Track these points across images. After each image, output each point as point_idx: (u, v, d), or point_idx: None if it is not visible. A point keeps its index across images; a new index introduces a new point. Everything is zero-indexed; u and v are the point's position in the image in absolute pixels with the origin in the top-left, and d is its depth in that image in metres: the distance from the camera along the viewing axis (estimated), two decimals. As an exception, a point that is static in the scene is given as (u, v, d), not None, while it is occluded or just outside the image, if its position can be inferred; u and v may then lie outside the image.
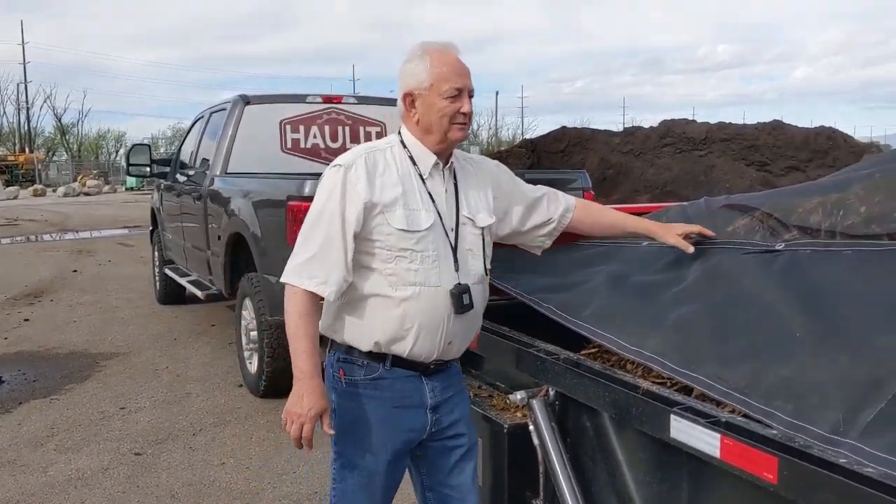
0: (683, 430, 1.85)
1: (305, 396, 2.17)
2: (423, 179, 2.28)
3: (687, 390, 2.05)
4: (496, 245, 2.49)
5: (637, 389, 2.04)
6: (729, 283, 2.24)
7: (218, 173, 6.70)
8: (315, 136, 7.05)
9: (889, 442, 1.57)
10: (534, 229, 2.59)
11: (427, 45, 2.30)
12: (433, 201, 2.27)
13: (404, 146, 2.32)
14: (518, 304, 2.74)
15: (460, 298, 2.26)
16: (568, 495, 2.30)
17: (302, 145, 7.01)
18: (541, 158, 18.74)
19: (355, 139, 7.19)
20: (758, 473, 1.66)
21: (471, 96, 2.29)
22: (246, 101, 6.89)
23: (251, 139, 6.81)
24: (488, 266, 2.40)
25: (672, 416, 1.88)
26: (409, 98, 2.29)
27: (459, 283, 2.27)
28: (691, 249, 2.46)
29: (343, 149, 7.03)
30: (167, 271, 8.66)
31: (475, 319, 2.38)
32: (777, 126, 20.10)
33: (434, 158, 2.30)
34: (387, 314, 2.24)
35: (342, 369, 2.32)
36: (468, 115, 2.28)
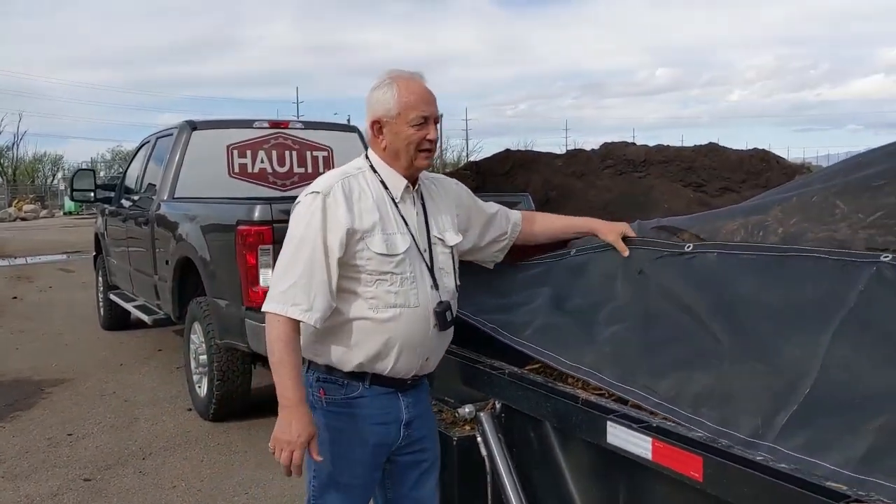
0: (618, 436, 2.01)
1: (294, 423, 2.20)
2: (395, 203, 2.38)
3: (623, 400, 2.21)
4: None
5: (577, 400, 2.20)
6: (655, 298, 2.41)
7: (165, 198, 6.73)
8: (262, 161, 7.12)
9: (800, 443, 1.75)
10: (491, 244, 2.72)
11: (395, 73, 2.37)
12: (406, 224, 2.36)
13: (374, 171, 2.39)
14: (463, 324, 2.87)
15: (444, 316, 2.37)
16: (514, 502, 2.44)
17: (249, 170, 7.08)
18: (486, 180, 18.91)
19: (302, 164, 7.29)
20: (685, 472, 1.82)
21: (436, 122, 2.38)
22: (193, 126, 6.94)
23: (198, 164, 6.86)
24: (458, 282, 2.51)
25: (608, 423, 2.04)
26: (377, 125, 2.36)
27: (441, 301, 2.37)
28: (626, 253, 2.59)
29: (290, 173, 7.15)
30: (112, 297, 8.60)
31: (449, 335, 2.48)
32: (713, 148, 20.65)
33: (405, 182, 2.39)
34: (369, 336, 2.31)
35: (322, 389, 2.36)
36: (433, 142, 2.37)
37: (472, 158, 51.43)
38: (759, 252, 2.28)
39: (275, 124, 7.30)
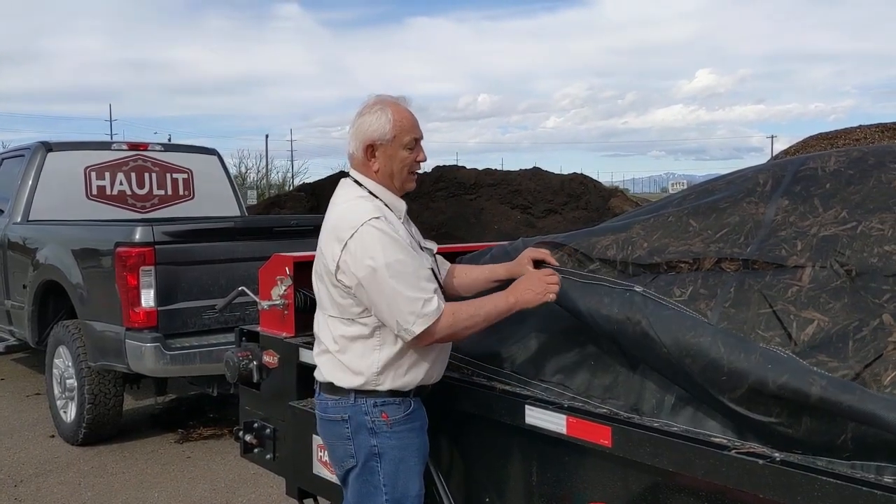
0: (536, 416, 2.41)
1: (525, 282, 2.45)
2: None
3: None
4: None
5: (494, 390, 2.58)
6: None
7: (18, 221, 6.55)
8: (121, 183, 7.08)
9: (686, 418, 2.21)
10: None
11: (384, 98, 2.42)
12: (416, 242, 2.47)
13: (374, 196, 2.41)
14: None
15: None
16: (436, 479, 2.79)
17: (108, 192, 7.02)
18: (321, 203, 19.17)
19: (162, 186, 7.30)
20: (596, 441, 2.24)
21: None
22: (48, 147, 6.80)
23: (54, 186, 6.74)
24: None
25: (527, 407, 2.43)
26: (371, 149, 2.38)
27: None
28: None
29: (150, 195, 7.15)
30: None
31: None
32: (537, 173, 21.96)
33: (404, 204, 2.46)
34: (427, 353, 2.41)
35: (384, 412, 2.38)
36: (420, 164, 2.47)
37: (297, 180, 51.12)
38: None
39: (133, 146, 7.28)
